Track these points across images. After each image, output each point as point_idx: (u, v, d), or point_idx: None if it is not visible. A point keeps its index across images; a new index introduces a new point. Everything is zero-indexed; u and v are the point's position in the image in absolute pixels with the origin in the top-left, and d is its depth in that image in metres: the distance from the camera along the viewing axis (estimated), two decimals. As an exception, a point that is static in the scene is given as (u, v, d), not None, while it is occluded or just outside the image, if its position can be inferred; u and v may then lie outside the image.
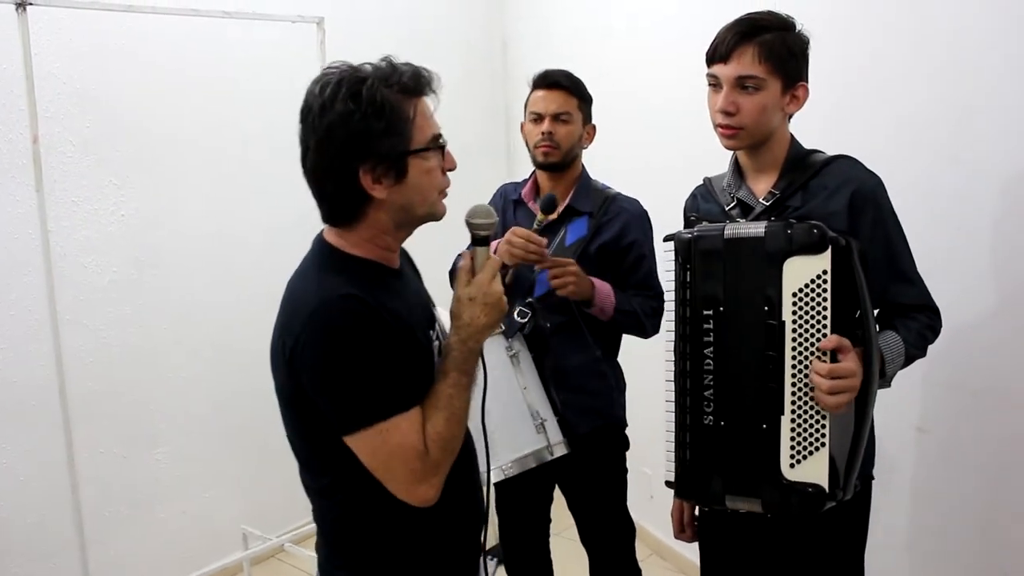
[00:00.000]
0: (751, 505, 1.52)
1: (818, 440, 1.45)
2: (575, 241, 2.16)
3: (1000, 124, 1.92)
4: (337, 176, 1.24)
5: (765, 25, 1.56)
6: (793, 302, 1.45)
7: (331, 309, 1.21)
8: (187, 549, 3.22)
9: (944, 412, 2.12)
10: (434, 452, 1.24)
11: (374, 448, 1.22)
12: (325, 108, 1.21)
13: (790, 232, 1.46)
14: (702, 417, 1.56)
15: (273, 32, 3.22)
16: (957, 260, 2.02)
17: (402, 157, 1.24)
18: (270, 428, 3.61)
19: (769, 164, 1.66)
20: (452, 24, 4.09)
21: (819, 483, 1.44)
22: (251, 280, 3.33)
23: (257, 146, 3.30)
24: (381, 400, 1.22)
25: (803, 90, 1.60)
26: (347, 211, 1.28)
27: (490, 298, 1.30)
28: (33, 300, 2.74)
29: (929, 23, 2.08)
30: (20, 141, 2.65)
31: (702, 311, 1.56)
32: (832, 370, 1.43)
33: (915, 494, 2.24)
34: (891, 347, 1.55)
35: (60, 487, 2.68)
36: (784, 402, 1.46)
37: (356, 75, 1.23)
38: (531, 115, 2.19)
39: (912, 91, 2.13)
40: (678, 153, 3.00)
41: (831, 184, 1.59)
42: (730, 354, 1.54)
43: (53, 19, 2.76)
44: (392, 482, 1.24)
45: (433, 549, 1.37)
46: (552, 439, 2.02)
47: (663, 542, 3.25)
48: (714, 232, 1.56)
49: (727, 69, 1.57)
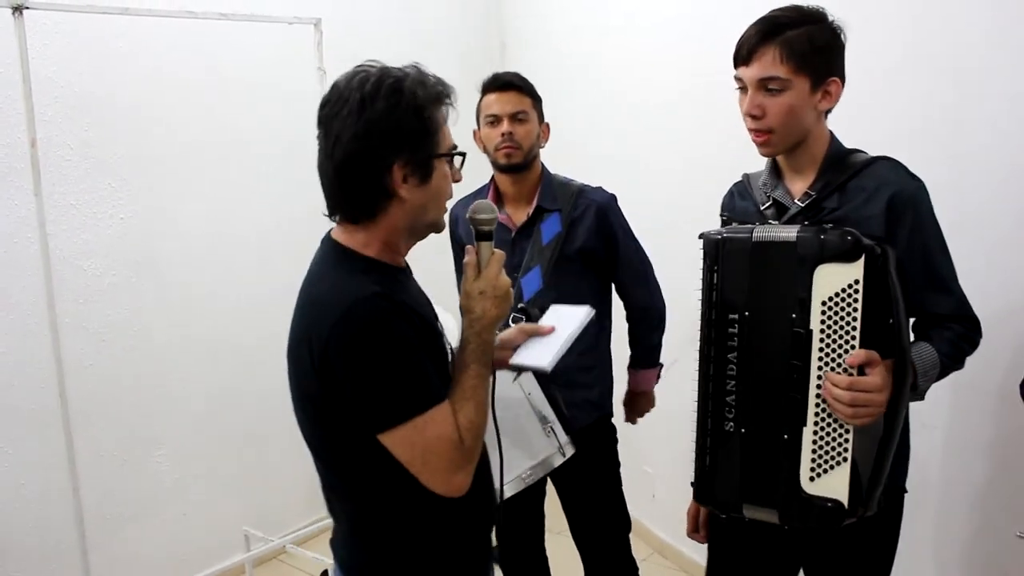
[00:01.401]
0: (768, 516, 1.48)
1: (840, 455, 1.40)
2: (552, 238, 2.17)
3: (999, 121, 1.92)
4: (369, 169, 1.26)
5: (787, 22, 1.49)
6: (823, 311, 1.40)
7: (361, 309, 1.22)
8: (189, 551, 3.22)
9: (947, 409, 2.12)
10: (468, 441, 1.27)
11: (412, 442, 1.24)
12: (366, 101, 1.24)
13: (823, 238, 1.40)
14: (723, 423, 1.53)
15: (270, 33, 3.22)
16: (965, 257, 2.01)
17: (430, 159, 1.29)
18: (271, 429, 3.65)
19: (807, 163, 1.59)
20: (450, 25, 4.09)
21: (839, 499, 1.39)
22: (250, 281, 3.34)
23: (255, 147, 3.30)
24: (416, 395, 1.24)
25: (835, 85, 1.53)
26: (367, 207, 1.29)
27: (499, 291, 1.35)
28: (32, 303, 2.74)
29: (926, 22, 2.08)
30: (18, 145, 2.65)
31: (727, 314, 1.52)
32: (853, 383, 1.37)
33: (916, 490, 2.24)
34: (924, 360, 1.48)
35: (61, 490, 2.68)
36: (807, 413, 1.42)
37: (393, 74, 1.27)
38: (487, 119, 2.19)
39: (911, 90, 2.13)
40: (676, 153, 3.00)
41: (869, 186, 1.52)
42: (754, 360, 1.49)
43: (50, 22, 2.76)
44: (430, 474, 1.26)
45: (451, 548, 1.39)
46: (561, 440, 2.03)
47: (665, 541, 3.25)
48: (743, 234, 1.51)
49: (750, 71, 1.51)
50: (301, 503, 3.52)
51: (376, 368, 1.22)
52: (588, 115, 3.49)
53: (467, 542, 1.41)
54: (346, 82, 1.28)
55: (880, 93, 2.20)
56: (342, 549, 1.42)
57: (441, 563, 1.38)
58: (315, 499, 3.53)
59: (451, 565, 1.39)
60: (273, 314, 3.50)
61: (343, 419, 1.26)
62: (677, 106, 2.98)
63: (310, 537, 3.37)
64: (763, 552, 1.69)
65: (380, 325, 1.22)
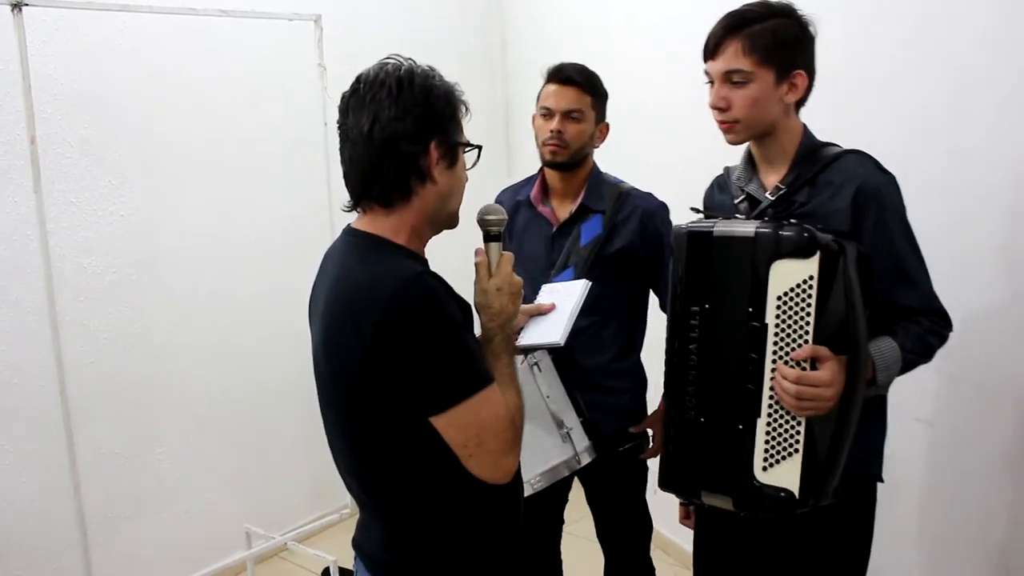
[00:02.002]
0: (724, 502, 1.52)
1: (792, 446, 1.44)
2: (591, 240, 2.09)
3: (1000, 117, 1.92)
4: (410, 147, 1.28)
5: (752, 17, 1.54)
6: (777, 306, 1.43)
7: (413, 287, 1.24)
8: (190, 548, 3.22)
9: (946, 405, 2.12)
10: (517, 421, 1.31)
11: (467, 423, 1.25)
12: (403, 84, 1.29)
13: (780, 234, 1.43)
14: (685, 412, 1.57)
15: (270, 30, 3.21)
16: (961, 254, 2.01)
17: (457, 146, 1.35)
18: (272, 427, 3.64)
19: (779, 156, 1.62)
20: (451, 22, 4.08)
21: (790, 488, 1.43)
22: (251, 278, 3.33)
23: (255, 144, 3.29)
24: (472, 374, 1.26)
25: (801, 78, 1.56)
26: (404, 187, 1.31)
27: (514, 287, 1.39)
28: (33, 301, 2.74)
29: (924, 18, 2.08)
30: (18, 142, 2.64)
31: (689, 307, 1.55)
32: (801, 377, 1.41)
33: (915, 487, 2.24)
34: (885, 355, 1.50)
35: (62, 488, 2.68)
36: (762, 405, 1.45)
37: (420, 65, 1.33)
38: (542, 109, 2.12)
39: (911, 85, 2.13)
40: (677, 151, 2.99)
41: (837, 180, 1.55)
42: (713, 352, 1.53)
43: (50, 19, 2.75)
44: (484, 456, 1.27)
45: (482, 542, 1.39)
46: (579, 447, 1.96)
47: (667, 537, 3.25)
48: (705, 229, 1.54)
49: (715, 65, 1.57)
50: (302, 500, 3.52)
51: (433, 347, 1.23)
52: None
53: (497, 536, 1.41)
54: (378, 69, 1.32)
55: (877, 90, 2.20)
56: (371, 546, 1.41)
57: (473, 558, 1.38)
58: (316, 496, 3.56)
59: (482, 560, 1.39)
60: (274, 311, 3.50)
61: (393, 405, 1.25)
62: (678, 105, 2.97)
63: (312, 534, 3.37)
64: (745, 541, 1.73)
65: (434, 303, 1.24)
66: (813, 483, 1.44)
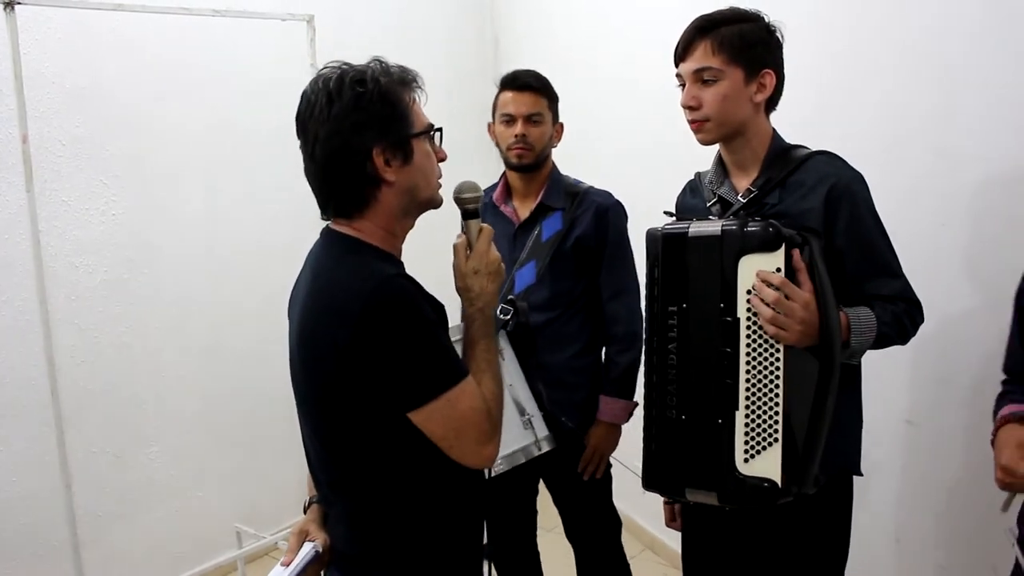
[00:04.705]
0: (708, 498, 1.54)
1: (771, 436, 1.46)
2: (551, 236, 2.19)
3: (983, 118, 1.94)
4: (351, 160, 1.29)
5: (720, 20, 1.59)
6: (748, 299, 1.47)
7: (388, 289, 1.26)
8: (181, 548, 3.22)
9: (934, 406, 2.14)
10: (494, 410, 1.34)
11: (446, 417, 1.28)
12: (333, 98, 1.28)
13: (746, 231, 1.47)
14: (666, 411, 1.59)
15: (263, 30, 3.21)
16: (947, 254, 2.03)
17: (408, 140, 1.32)
18: (263, 426, 3.64)
19: (749, 159, 1.66)
20: (443, 21, 4.09)
21: (772, 478, 1.46)
22: (243, 278, 3.34)
23: (248, 144, 3.30)
24: (447, 370, 1.29)
25: (770, 77, 1.60)
26: (357, 197, 1.33)
27: (492, 266, 1.42)
28: (24, 300, 2.74)
29: (911, 18, 2.09)
30: (9, 141, 2.64)
31: (667, 307, 1.58)
32: (783, 283, 1.42)
33: (904, 487, 2.26)
34: (861, 319, 1.54)
35: (53, 487, 2.68)
36: (739, 397, 1.48)
37: (355, 68, 1.32)
38: (502, 117, 2.21)
39: (893, 86, 2.15)
40: (673, 148, 3.00)
41: (808, 181, 1.59)
42: (691, 350, 1.56)
43: (42, 18, 2.75)
44: (464, 446, 1.31)
45: (446, 537, 1.41)
46: (539, 434, 2.02)
47: (656, 537, 3.27)
48: (679, 230, 1.58)
49: (686, 65, 1.61)
50: (292, 500, 3.51)
51: (409, 345, 1.26)
52: (582, 110, 3.48)
53: (460, 530, 1.43)
54: (312, 86, 1.32)
55: (864, 88, 2.22)
56: (336, 541, 1.43)
57: (436, 551, 1.40)
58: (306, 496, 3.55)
59: (445, 552, 1.41)
60: (266, 311, 3.50)
61: (367, 403, 1.28)
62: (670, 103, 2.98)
63: (302, 534, 3.37)
64: (731, 537, 1.76)
65: (409, 303, 1.27)
66: (795, 471, 1.46)
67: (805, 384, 1.48)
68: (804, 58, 2.35)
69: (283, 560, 1.40)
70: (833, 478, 1.62)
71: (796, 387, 1.47)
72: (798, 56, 1.66)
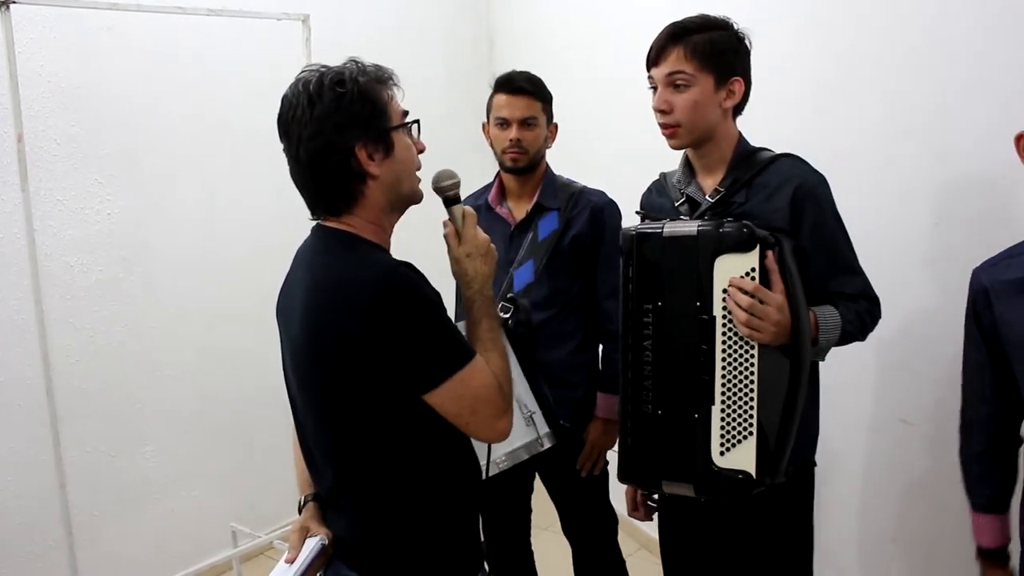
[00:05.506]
0: (685, 490, 1.58)
1: (746, 429, 1.50)
2: (548, 235, 2.21)
3: (977, 121, 1.95)
4: (335, 158, 1.32)
5: (692, 27, 1.63)
6: (723, 298, 1.51)
7: (395, 276, 1.29)
8: (176, 547, 3.22)
9: (929, 405, 2.15)
10: (505, 385, 1.39)
11: (460, 395, 1.32)
12: (313, 100, 1.31)
13: (721, 231, 1.51)
14: (642, 405, 1.63)
15: (258, 29, 3.22)
16: (942, 253, 2.04)
17: (387, 133, 1.36)
18: (258, 425, 3.63)
19: (717, 161, 1.71)
20: (439, 20, 4.10)
21: (747, 470, 1.50)
22: (238, 277, 3.33)
23: (243, 144, 3.29)
24: (457, 350, 1.33)
25: (739, 84, 1.65)
26: (345, 193, 1.35)
27: (482, 248, 1.47)
28: (19, 299, 2.73)
29: (911, 19, 2.10)
30: (4, 140, 2.64)
31: (642, 305, 1.62)
32: (757, 289, 1.46)
33: (899, 486, 2.27)
34: (827, 317, 1.59)
35: (48, 486, 2.68)
36: (715, 393, 1.52)
37: (333, 70, 1.35)
38: (496, 120, 2.22)
39: (884, 90, 2.16)
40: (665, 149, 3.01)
41: (774, 182, 1.64)
42: (667, 347, 1.60)
43: (37, 17, 2.75)
44: (480, 422, 1.35)
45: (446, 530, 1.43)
46: (541, 431, 2.02)
47: (651, 537, 3.27)
48: (654, 230, 1.61)
49: (659, 70, 1.66)
50: (288, 499, 3.48)
51: (419, 329, 1.29)
52: (577, 110, 3.48)
53: (458, 517, 1.46)
54: (292, 89, 1.35)
55: (865, 91, 2.23)
56: (338, 531, 1.44)
57: (444, 539, 1.43)
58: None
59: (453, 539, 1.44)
60: (261, 311, 3.48)
61: (382, 389, 1.30)
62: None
63: (298, 533, 3.37)
64: (705, 527, 1.81)
65: (417, 289, 1.30)
66: (767, 463, 1.51)
67: (777, 380, 1.53)
68: (804, 58, 2.37)
69: (286, 557, 1.42)
70: (799, 468, 1.69)
71: (768, 383, 1.51)
72: (798, 56, 1.67)
